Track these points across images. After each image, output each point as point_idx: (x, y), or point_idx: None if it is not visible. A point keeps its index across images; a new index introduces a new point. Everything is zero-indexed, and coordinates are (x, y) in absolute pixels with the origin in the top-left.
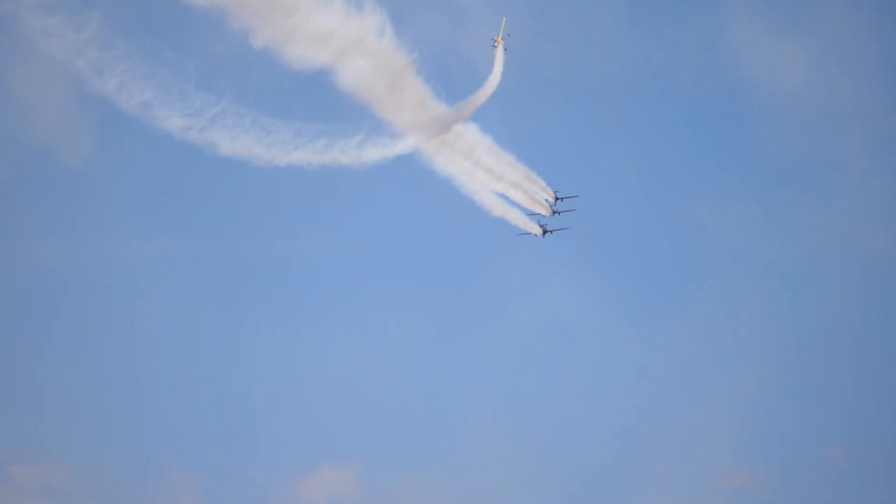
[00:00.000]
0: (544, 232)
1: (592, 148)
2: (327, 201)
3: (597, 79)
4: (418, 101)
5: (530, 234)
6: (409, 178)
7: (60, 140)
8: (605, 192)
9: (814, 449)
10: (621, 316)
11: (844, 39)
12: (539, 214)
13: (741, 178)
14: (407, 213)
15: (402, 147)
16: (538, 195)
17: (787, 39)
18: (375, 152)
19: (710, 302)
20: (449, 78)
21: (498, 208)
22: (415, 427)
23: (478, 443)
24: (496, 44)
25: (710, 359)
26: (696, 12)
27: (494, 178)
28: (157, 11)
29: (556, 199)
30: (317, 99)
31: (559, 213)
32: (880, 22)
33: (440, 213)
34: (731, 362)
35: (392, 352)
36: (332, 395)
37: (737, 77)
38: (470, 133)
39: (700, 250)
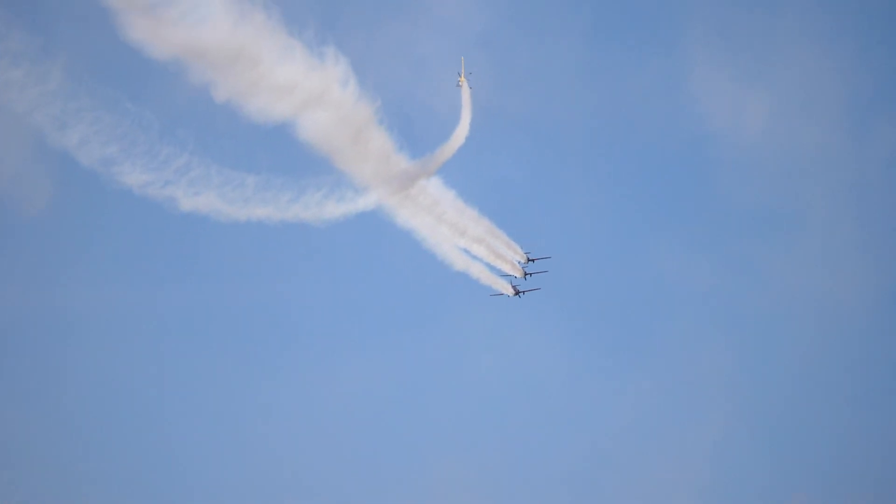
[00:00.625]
0: (517, 293)
1: (555, 198)
2: (289, 255)
3: (559, 128)
4: (382, 155)
5: (503, 294)
6: (373, 234)
7: (19, 191)
8: (569, 242)
9: (778, 499)
10: (585, 365)
11: (806, 88)
12: (511, 276)
13: (705, 228)
14: (370, 266)
15: (365, 203)
16: (506, 253)
17: (749, 88)
18: (338, 208)
19: (674, 351)
20: (413, 127)
21: (461, 262)
22: (378, 476)
23: (441, 492)
24: (460, 83)
25: (675, 408)
26: (659, 61)
27: (458, 232)
28: (118, 63)
29: (528, 260)
30: (279, 152)
31: (531, 274)
32: (841, 70)
33: (403, 267)
34: (696, 412)
35: (354, 403)
36: (292, 445)
37: (700, 126)
38: (433, 186)
39: (664, 300)
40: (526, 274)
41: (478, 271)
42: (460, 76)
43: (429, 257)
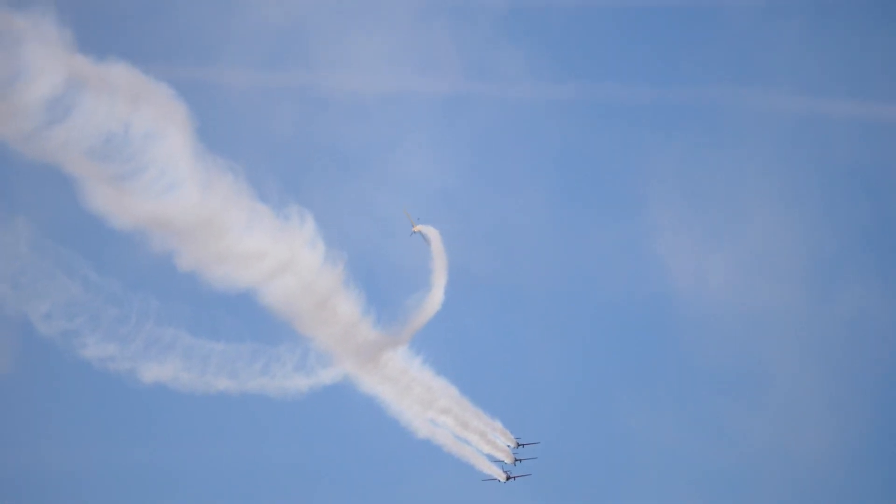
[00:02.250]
0: (507, 478)
1: (520, 357)
2: (252, 424)
3: (524, 287)
4: (350, 324)
5: (494, 479)
6: (339, 404)
7: None
8: (533, 401)
9: None
10: None
11: (769, 248)
12: (501, 461)
13: (670, 386)
14: (335, 434)
15: (331, 375)
16: (495, 438)
17: (714, 248)
18: (304, 381)
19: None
20: (380, 288)
21: (427, 431)
22: None
23: None
24: (414, 230)
25: None
26: (624, 221)
27: (425, 404)
28: (81, 230)
29: (518, 444)
30: (244, 319)
31: (520, 460)
32: (804, 231)
33: (370, 436)
34: None
35: None
36: None
37: (664, 285)
38: (399, 355)
39: (630, 458)
40: (516, 459)
41: (448, 441)
42: (413, 226)
43: (393, 425)
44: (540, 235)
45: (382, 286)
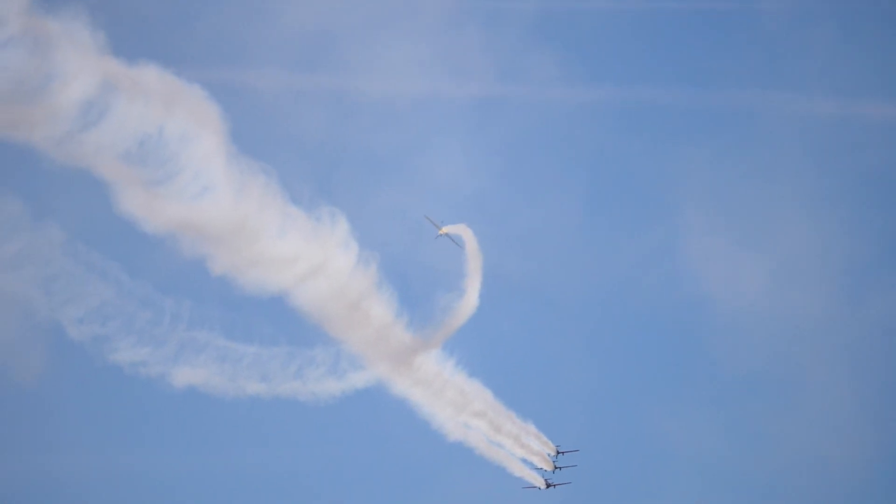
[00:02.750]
0: (548, 485)
1: (552, 361)
2: (283, 427)
3: (556, 292)
4: (383, 327)
5: (535, 487)
6: (371, 407)
7: (12, 360)
8: (566, 405)
9: None
10: None
11: (802, 253)
12: (541, 468)
13: (703, 390)
14: (367, 437)
15: (364, 379)
16: (534, 445)
17: (745, 253)
18: (336, 385)
19: None
20: (413, 291)
21: (459, 435)
22: None
23: None
24: (440, 233)
25: None
26: (656, 226)
27: (458, 408)
28: (113, 234)
29: (558, 453)
30: (276, 323)
31: (560, 468)
32: (837, 235)
33: (400, 437)
34: None
35: None
36: None
37: (697, 290)
38: (433, 358)
39: (664, 463)
40: (556, 467)
41: (481, 444)
42: (439, 229)
43: (426, 428)
44: (571, 239)
45: (415, 288)
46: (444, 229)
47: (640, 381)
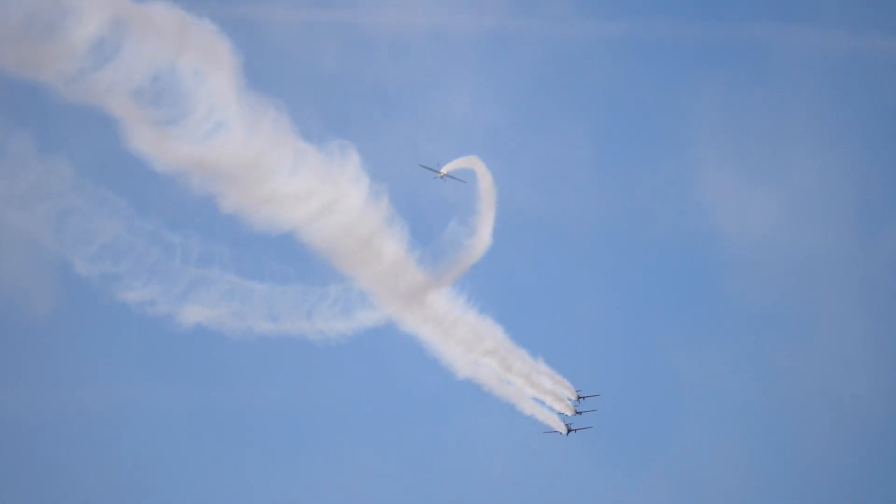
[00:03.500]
0: (569, 431)
1: (565, 297)
2: (293, 365)
3: (568, 225)
4: (395, 265)
5: (556, 431)
6: (382, 346)
7: (22, 294)
8: (578, 340)
9: None
10: (596, 460)
11: (815, 187)
12: (563, 413)
13: (716, 324)
14: (377, 375)
15: (374, 316)
16: (555, 389)
17: (759, 187)
18: (347, 323)
19: (688, 447)
20: (425, 227)
21: (470, 372)
22: None
23: None
24: (441, 176)
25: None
26: (669, 159)
27: (470, 345)
28: (124, 172)
29: (579, 397)
30: (288, 260)
31: (581, 413)
32: (851, 170)
33: (411, 374)
34: None
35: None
36: None
37: (709, 223)
38: (445, 295)
39: (678, 396)
40: (577, 412)
41: (492, 381)
42: (439, 172)
43: (436, 365)
44: (585, 173)
45: (428, 223)
46: (444, 170)
47: (653, 315)
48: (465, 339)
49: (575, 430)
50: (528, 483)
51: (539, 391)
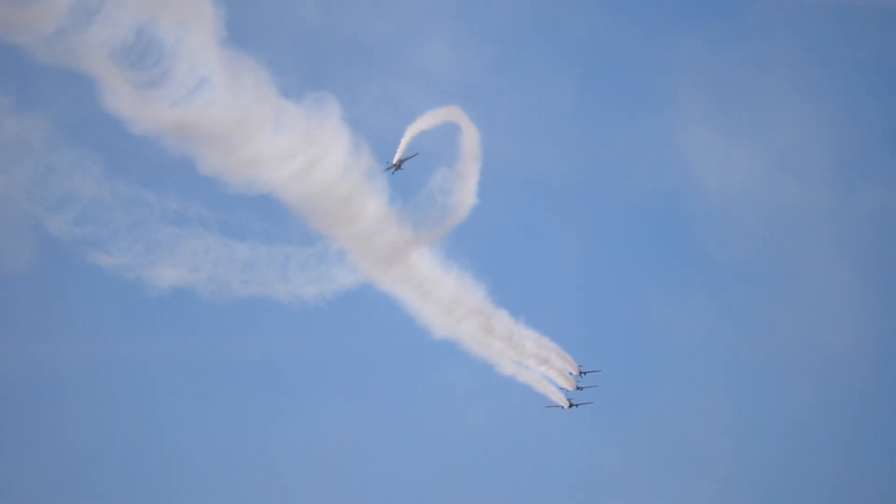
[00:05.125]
0: (570, 405)
1: (543, 250)
2: (274, 327)
3: (547, 180)
4: (376, 223)
5: (557, 406)
6: (362, 306)
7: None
8: (559, 293)
9: None
10: (576, 415)
11: (795, 143)
12: (564, 388)
13: (698, 279)
14: (357, 335)
15: (354, 276)
16: (559, 365)
17: (739, 142)
18: (327, 283)
19: (669, 400)
20: (407, 182)
21: (448, 333)
22: None
23: None
24: (393, 166)
25: (668, 458)
26: (649, 114)
27: (450, 305)
28: (102, 132)
29: (580, 373)
30: (267, 221)
31: (582, 388)
32: (830, 126)
33: (390, 335)
34: (692, 461)
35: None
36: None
37: (688, 179)
38: (427, 254)
39: (662, 350)
40: (578, 387)
41: (471, 341)
42: (391, 164)
43: (415, 325)
44: (564, 127)
45: (409, 181)
46: (396, 158)
47: (635, 270)
48: (445, 300)
49: (577, 405)
50: (505, 439)
51: (521, 353)
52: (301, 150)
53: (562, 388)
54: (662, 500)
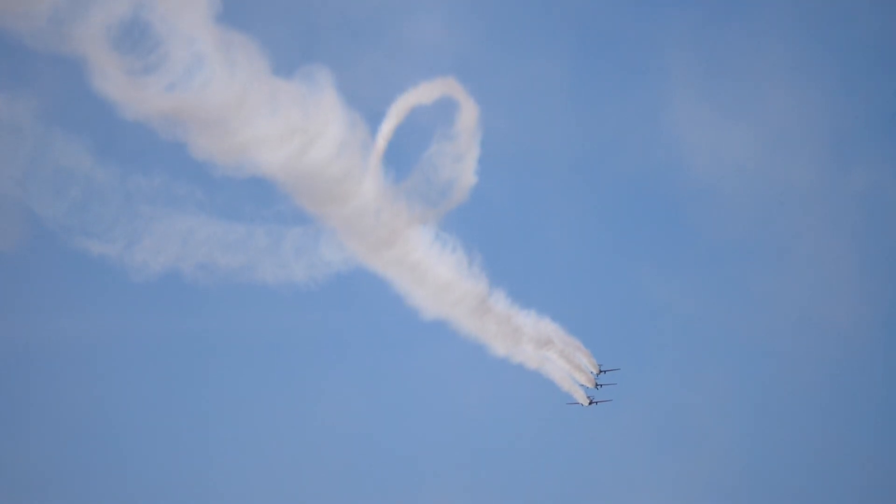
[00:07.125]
0: (590, 402)
1: (536, 226)
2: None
3: (541, 155)
4: (373, 202)
5: (578, 403)
6: (356, 287)
7: None
8: (553, 268)
9: None
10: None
11: (788, 120)
12: (584, 385)
13: (694, 255)
14: (351, 315)
15: (348, 257)
16: (580, 361)
17: (731, 118)
18: (320, 264)
19: (666, 377)
20: (403, 158)
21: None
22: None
23: None
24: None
25: (668, 436)
26: (641, 89)
27: (447, 284)
28: (93, 115)
29: (600, 371)
30: (260, 203)
31: (601, 385)
32: (824, 103)
33: (383, 315)
34: (692, 436)
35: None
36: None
37: (680, 155)
38: (424, 232)
39: (655, 326)
40: (597, 385)
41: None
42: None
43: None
44: (557, 102)
45: (405, 156)
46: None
47: (629, 246)
48: (440, 280)
49: (596, 402)
50: (497, 421)
51: (519, 335)
52: (297, 129)
53: (582, 385)
54: (658, 476)
